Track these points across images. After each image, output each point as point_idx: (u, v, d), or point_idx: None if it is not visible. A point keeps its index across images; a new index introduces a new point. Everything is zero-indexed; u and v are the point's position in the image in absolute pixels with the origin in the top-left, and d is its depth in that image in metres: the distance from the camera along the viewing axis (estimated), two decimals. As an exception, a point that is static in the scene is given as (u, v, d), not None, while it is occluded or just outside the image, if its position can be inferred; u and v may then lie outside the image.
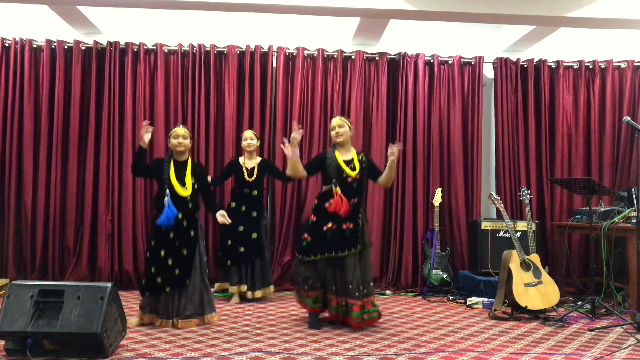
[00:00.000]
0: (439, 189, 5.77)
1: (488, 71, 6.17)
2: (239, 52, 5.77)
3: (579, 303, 4.69)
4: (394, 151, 4.04)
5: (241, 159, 5.09)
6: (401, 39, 6.07)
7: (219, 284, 5.06)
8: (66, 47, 5.67)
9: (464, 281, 5.50)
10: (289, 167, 4.09)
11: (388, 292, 5.51)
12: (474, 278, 5.33)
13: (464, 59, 6.01)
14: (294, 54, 5.84)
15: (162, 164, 4.06)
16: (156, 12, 5.79)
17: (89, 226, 5.54)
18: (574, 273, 5.55)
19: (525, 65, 6.05)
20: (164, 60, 5.70)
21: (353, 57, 5.88)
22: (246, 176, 4.98)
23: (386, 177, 4.19)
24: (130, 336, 3.62)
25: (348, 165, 4.11)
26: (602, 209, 5.02)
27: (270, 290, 5.09)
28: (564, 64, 6.07)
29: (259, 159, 5.13)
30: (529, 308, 4.38)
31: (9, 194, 5.53)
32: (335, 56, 5.87)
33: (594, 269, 4.53)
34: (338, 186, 4.04)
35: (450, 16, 5.12)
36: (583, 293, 5.28)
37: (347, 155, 4.18)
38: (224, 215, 4.17)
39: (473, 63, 6.02)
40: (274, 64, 5.84)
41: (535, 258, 4.59)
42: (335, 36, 5.99)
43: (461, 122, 5.96)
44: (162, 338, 3.65)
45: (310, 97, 5.82)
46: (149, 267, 4.03)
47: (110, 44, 5.65)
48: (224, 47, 5.76)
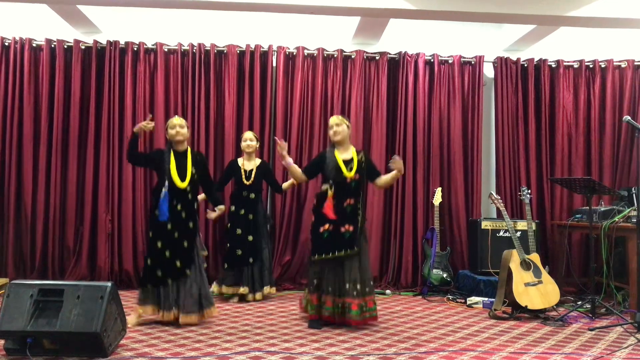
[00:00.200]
0: (439, 189, 5.77)
1: (488, 71, 6.17)
2: (239, 51, 5.77)
3: (579, 302, 4.68)
4: (398, 166, 4.02)
5: (240, 160, 5.08)
6: (401, 38, 6.07)
7: (217, 288, 4.98)
8: (66, 46, 5.66)
9: (464, 281, 5.50)
10: (290, 174, 4.16)
11: (388, 291, 5.51)
12: (474, 278, 5.33)
13: (464, 58, 6.01)
14: (294, 53, 5.84)
15: (162, 154, 4.06)
16: (156, 12, 5.79)
17: (88, 225, 5.54)
18: (574, 272, 5.55)
19: (526, 65, 6.04)
20: (164, 60, 5.70)
21: (353, 56, 5.88)
22: (244, 179, 4.98)
23: (384, 184, 4.25)
24: (130, 335, 3.62)
25: (347, 164, 4.09)
26: (602, 209, 5.02)
27: (270, 290, 5.05)
28: (564, 63, 6.07)
29: (258, 160, 5.11)
30: (529, 307, 4.38)
31: (9, 193, 5.52)
32: (336, 55, 5.87)
33: (594, 269, 4.53)
34: (333, 188, 4.03)
35: (450, 15, 5.12)
36: (583, 292, 5.28)
37: (347, 154, 4.16)
38: (222, 210, 4.26)
39: (473, 62, 6.01)
40: (274, 64, 5.84)
41: (535, 257, 4.59)
42: (336, 35, 5.99)
43: (461, 122, 5.96)
44: (162, 337, 3.65)
45: (310, 97, 5.82)
46: (147, 260, 4.03)
47: (110, 43, 5.65)
48: (224, 47, 5.76)
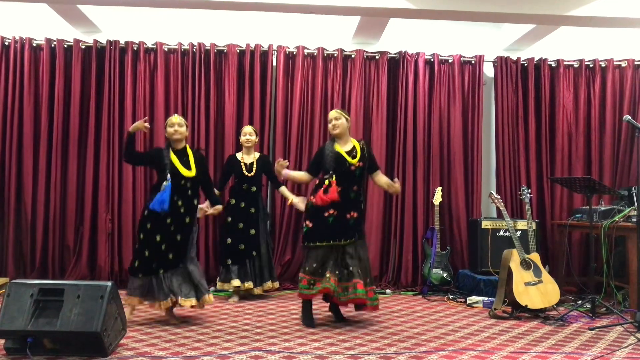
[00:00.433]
0: (439, 188, 5.76)
1: (488, 70, 6.17)
2: (239, 51, 5.77)
3: (579, 302, 4.68)
4: (395, 190, 4.26)
5: (239, 155, 5.08)
6: (401, 37, 6.06)
7: (220, 283, 5.01)
8: (66, 45, 5.66)
9: (464, 280, 5.50)
10: (293, 182, 4.16)
11: (388, 291, 5.50)
12: (474, 277, 5.33)
13: (464, 57, 6.00)
14: (294, 52, 5.84)
15: (161, 152, 4.06)
16: (156, 11, 5.79)
17: (88, 225, 5.54)
18: (574, 272, 5.54)
19: (526, 64, 6.04)
20: (164, 59, 5.70)
21: (353, 56, 5.88)
22: (245, 171, 4.97)
23: (379, 183, 4.30)
24: (130, 335, 3.62)
25: (350, 154, 4.12)
26: (603, 208, 5.02)
27: (271, 285, 5.06)
28: (565, 62, 6.06)
29: (257, 154, 5.12)
30: (529, 307, 4.38)
31: (9, 192, 5.52)
32: (336, 55, 5.86)
33: (594, 268, 4.53)
34: (335, 177, 4.05)
35: (450, 15, 5.12)
36: (583, 292, 5.28)
37: (347, 145, 4.19)
38: (218, 210, 4.25)
39: (473, 62, 6.01)
40: (274, 63, 5.84)
41: (535, 257, 4.59)
42: (336, 35, 5.99)
43: (461, 121, 5.95)
44: (162, 337, 3.65)
45: (310, 96, 5.82)
46: (142, 250, 3.96)
47: (110, 42, 5.64)
48: (224, 46, 5.76)
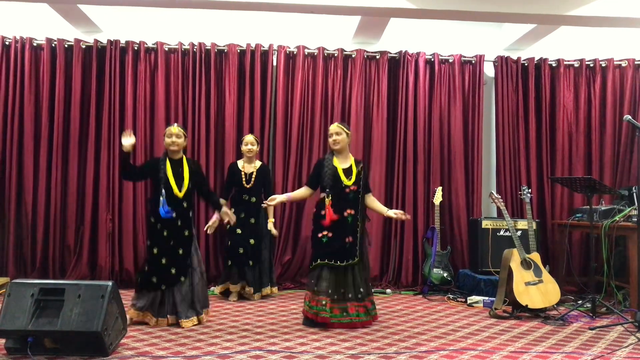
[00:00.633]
0: (440, 188, 5.77)
1: (489, 70, 6.17)
2: (239, 50, 5.77)
3: (580, 302, 4.68)
4: (398, 217, 4.13)
5: (240, 163, 5.08)
6: (402, 37, 6.06)
7: (222, 285, 5.02)
8: (66, 45, 5.66)
9: (464, 280, 5.50)
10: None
11: (388, 290, 5.50)
12: (474, 277, 5.33)
13: (464, 57, 6.00)
14: (295, 52, 5.84)
15: (157, 163, 4.05)
16: (157, 11, 5.79)
17: (89, 225, 5.54)
18: (575, 272, 5.54)
19: (526, 64, 6.04)
20: (165, 59, 5.70)
21: (354, 55, 5.88)
22: (244, 182, 4.98)
23: (372, 207, 4.22)
24: (130, 335, 3.62)
25: (346, 174, 4.05)
26: (603, 208, 5.02)
27: (269, 291, 5.09)
28: (565, 62, 6.06)
29: (258, 163, 5.11)
30: (529, 307, 4.38)
31: (10, 192, 5.53)
32: (336, 55, 5.86)
33: (594, 268, 4.53)
34: (330, 197, 4.00)
35: (450, 15, 5.12)
36: (583, 292, 5.28)
37: (346, 163, 4.12)
38: (227, 213, 4.18)
39: (474, 62, 6.01)
40: (275, 63, 5.84)
41: (535, 257, 4.59)
42: (336, 35, 5.99)
43: (462, 121, 5.96)
44: (163, 337, 3.65)
45: (310, 96, 5.82)
46: (144, 265, 4.08)
47: (110, 42, 5.65)
48: (224, 46, 5.76)
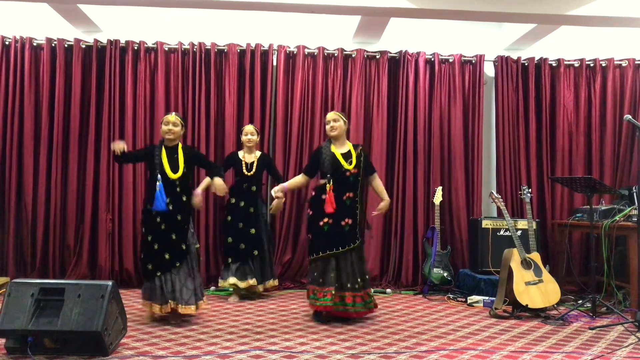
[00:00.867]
0: (440, 188, 5.77)
1: (489, 69, 6.17)
2: (239, 50, 5.77)
3: (580, 301, 4.68)
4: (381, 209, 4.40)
5: (240, 153, 5.09)
6: (402, 37, 6.06)
7: (221, 282, 5.04)
8: (66, 45, 5.66)
9: (464, 280, 5.50)
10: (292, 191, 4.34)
11: (388, 290, 5.50)
12: (474, 276, 5.33)
13: (464, 57, 6.00)
14: (295, 52, 5.83)
15: (153, 150, 4.10)
16: (156, 11, 5.79)
17: (89, 225, 5.54)
18: (575, 271, 5.54)
19: (526, 64, 6.04)
20: (165, 59, 5.69)
21: (354, 55, 5.88)
22: (245, 170, 4.98)
23: (376, 188, 4.43)
24: (131, 334, 3.62)
25: (346, 159, 4.14)
26: (603, 208, 5.02)
27: (272, 284, 5.09)
28: (565, 62, 6.06)
29: (258, 153, 5.13)
30: (529, 306, 4.37)
31: (10, 192, 5.52)
32: (336, 54, 5.86)
33: (594, 268, 4.53)
34: (332, 182, 4.08)
35: (451, 14, 5.12)
36: (584, 291, 5.28)
37: (343, 148, 4.22)
38: (218, 185, 4.13)
39: (474, 61, 6.01)
40: (275, 63, 5.83)
41: (536, 256, 4.59)
42: (336, 34, 5.99)
43: (462, 121, 5.95)
44: (163, 336, 3.65)
45: (310, 96, 5.81)
46: (141, 253, 4.11)
47: (110, 42, 5.64)
48: (224, 46, 5.76)
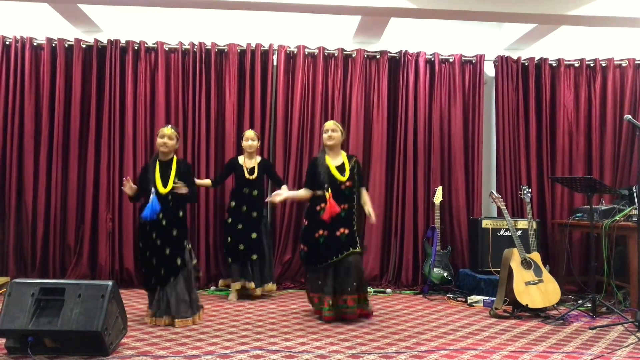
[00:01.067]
0: (440, 187, 5.77)
1: (489, 69, 6.17)
2: (239, 50, 5.77)
3: (580, 301, 4.68)
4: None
5: (241, 158, 5.09)
6: (402, 37, 6.06)
7: (222, 281, 5.08)
8: (67, 45, 5.66)
9: (464, 279, 5.50)
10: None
11: (389, 290, 5.50)
12: (474, 276, 5.33)
13: (464, 57, 6.00)
14: (295, 52, 5.83)
15: (147, 168, 4.13)
16: (157, 10, 5.79)
17: (89, 224, 5.54)
18: (575, 271, 5.54)
19: (526, 64, 6.04)
20: (165, 59, 5.69)
21: (354, 55, 5.88)
22: (246, 174, 4.98)
23: (362, 201, 4.34)
24: (131, 334, 3.63)
25: (340, 171, 4.19)
26: (603, 208, 5.02)
27: (271, 288, 5.10)
28: (565, 62, 6.06)
29: (259, 158, 5.14)
30: (529, 306, 4.38)
31: (10, 192, 5.52)
32: (336, 54, 5.86)
33: (594, 267, 4.53)
34: (330, 190, 4.10)
35: (450, 14, 5.12)
36: (584, 291, 5.28)
37: (337, 159, 4.25)
38: (179, 185, 4.03)
39: (474, 61, 6.01)
40: (275, 63, 5.83)
41: (536, 256, 4.59)
42: (336, 34, 5.99)
43: (462, 121, 5.95)
44: (163, 336, 3.65)
45: (311, 96, 5.81)
46: (141, 268, 4.16)
47: (110, 42, 5.64)
48: (224, 46, 5.76)
